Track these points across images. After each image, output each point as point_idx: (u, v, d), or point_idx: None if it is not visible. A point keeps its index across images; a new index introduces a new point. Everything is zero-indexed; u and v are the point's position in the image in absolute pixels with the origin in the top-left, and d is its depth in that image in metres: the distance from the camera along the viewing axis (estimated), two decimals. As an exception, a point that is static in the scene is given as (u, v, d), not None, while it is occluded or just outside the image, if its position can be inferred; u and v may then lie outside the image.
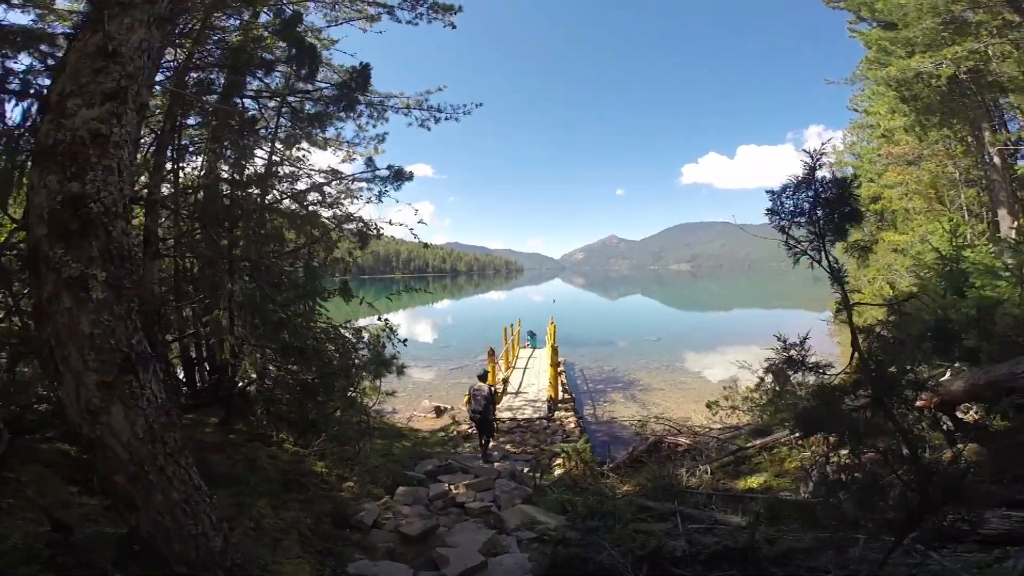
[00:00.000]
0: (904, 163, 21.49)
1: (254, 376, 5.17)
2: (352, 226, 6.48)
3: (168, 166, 6.01)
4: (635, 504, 5.31)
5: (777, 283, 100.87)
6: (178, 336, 5.27)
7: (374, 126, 9.80)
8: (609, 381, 15.95)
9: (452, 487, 5.26)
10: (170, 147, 6.12)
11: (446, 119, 9.52)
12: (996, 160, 14.02)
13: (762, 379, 9.61)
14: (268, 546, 3.13)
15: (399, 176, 5.89)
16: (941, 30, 13.03)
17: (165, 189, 6.39)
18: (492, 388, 8.58)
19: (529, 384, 13.01)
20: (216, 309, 5.19)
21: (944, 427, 4.78)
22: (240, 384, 5.28)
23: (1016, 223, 13.35)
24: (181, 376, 6.85)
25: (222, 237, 5.54)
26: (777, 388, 9.13)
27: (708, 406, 10.50)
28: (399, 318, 40.80)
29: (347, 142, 10.07)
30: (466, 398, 8.99)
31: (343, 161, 10.24)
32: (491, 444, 8.19)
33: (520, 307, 41.72)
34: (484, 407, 7.78)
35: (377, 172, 5.88)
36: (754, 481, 5.52)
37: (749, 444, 5.79)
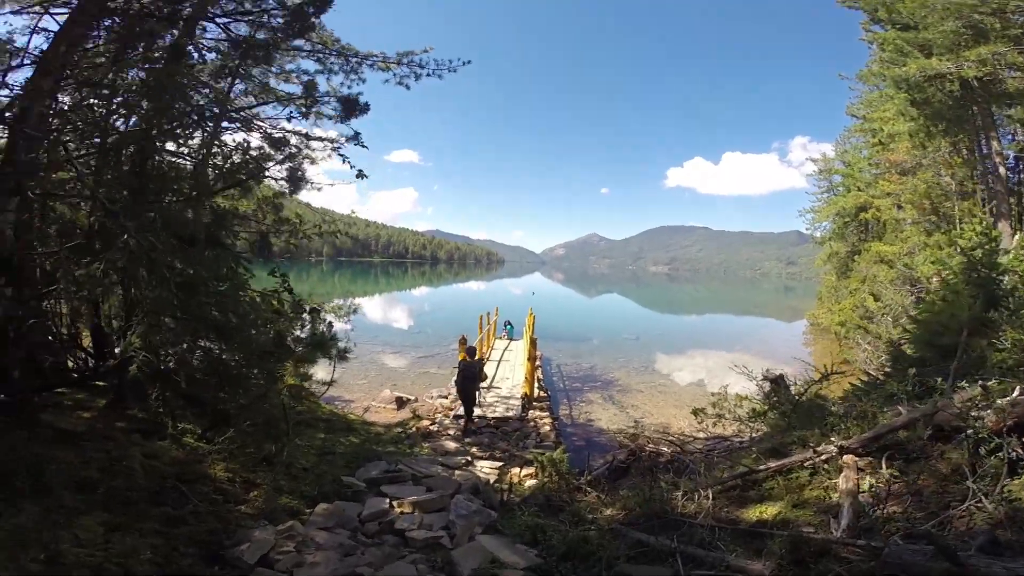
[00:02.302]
0: (899, 172, 21.17)
1: (142, 352, 3.91)
2: (276, 166, 5.19)
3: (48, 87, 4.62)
4: (622, 536, 4.27)
5: (751, 291, 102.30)
6: (40, 291, 4.00)
7: (348, 87, 8.52)
8: (587, 379, 15.00)
9: (395, 504, 4.12)
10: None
11: (428, 76, 8.33)
12: (1001, 171, 13.47)
13: (760, 387, 8.76)
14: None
15: (349, 107, 4.64)
16: (962, 33, 12.38)
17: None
18: (481, 362, 9.19)
19: (503, 378, 11.91)
20: (94, 262, 3.90)
21: (1012, 453, 3.84)
22: (123, 361, 4.02)
23: (1017, 235, 12.84)
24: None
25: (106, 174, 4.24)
26: (775, 398, 8.32)
27: (694, 413, 9.62)
28: (374, 303, 39.50)
29: (311, 97, 8.73)
30: (455, 371, 9.32)
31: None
32: (474, 419, 8.50)
33: (499, 298, 40.58)
34: (471, 382, 8.32)
35: (317, 97, 4.60)
36: (767, 511, 4.54)
37: (762, 466, 4.83)
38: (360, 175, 5.63)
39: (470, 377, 8.39)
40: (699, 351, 22.40)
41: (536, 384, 11.33)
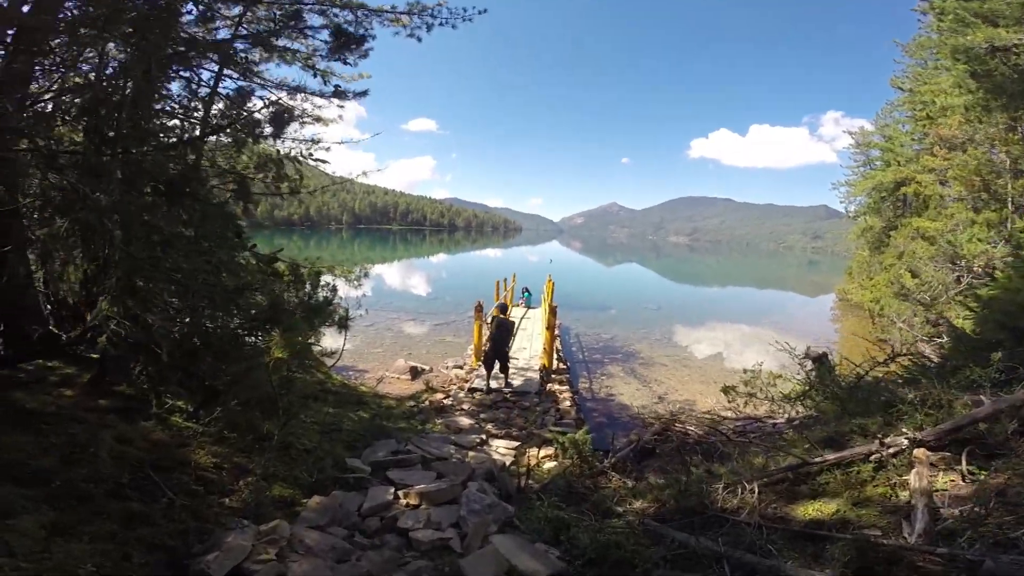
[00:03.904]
0: (947, 147, 19.94)
1: (113, 319, 3.44)
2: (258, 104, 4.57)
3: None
4: (657, 536, 3.77)
5: (775, 264, 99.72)
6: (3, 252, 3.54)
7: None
8: (607, 351, 14.47)
9: (401, 496, 3.67)
10: None
11: (440, 25, 7.56)
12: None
13: (802, 365, 8.09)
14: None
15: (341, 41, 3.95)
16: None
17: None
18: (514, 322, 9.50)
19: (520, 348, 11.43)
20: (59, 219, 3.41)
21: None
22: (89, 329, 3.57)
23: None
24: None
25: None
26: (820, 378, 7.67)
27: (724, 391, 9.06)
28: (392, 269, 39.29)
29: (319, 54, 8.00)
30: (487, 324, 9.40)
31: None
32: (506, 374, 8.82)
33: (516, 265, 40.02)
34: (504, 336, 8.56)
35: (303, 27, 3.92)
36: (822, 509, 3.99)
37: (817, 458, 4.26)
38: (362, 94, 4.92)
39: (506, 331, 8.64)
40: (723, 324, 21.63)
41: (555, 355, 10.84)
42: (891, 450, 4.01)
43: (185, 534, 2.53)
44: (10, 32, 4.02)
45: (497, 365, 8.71)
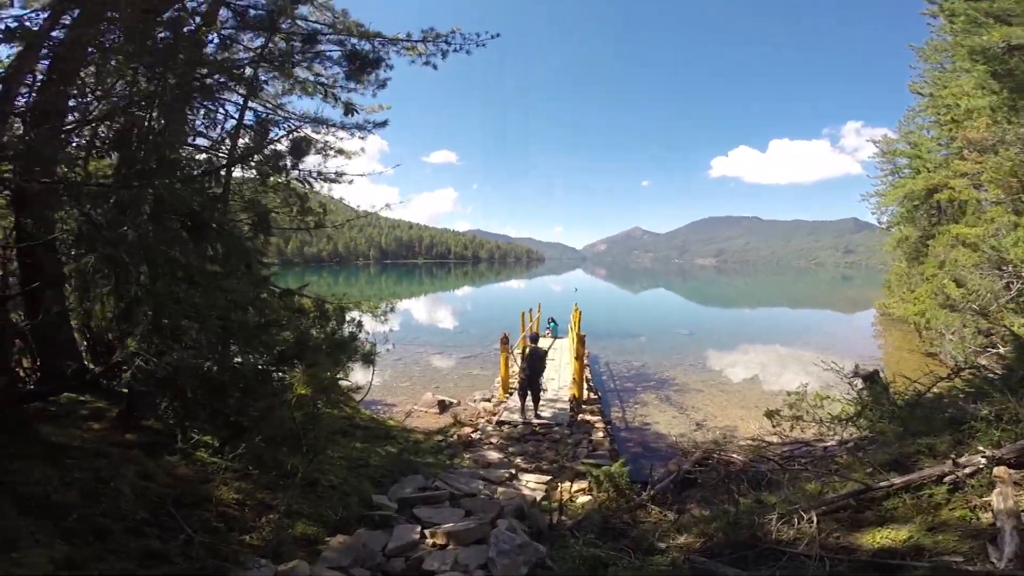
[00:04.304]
0: (977, 150, 19.28)
1: (139, 355, 3.44)
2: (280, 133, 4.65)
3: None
4: (707, 573, 3.46)
5: (807, 282, 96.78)
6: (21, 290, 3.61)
7: (376, 76, 8.11)
8: (639, 379, 14.03)
9: (427, 533, 3.48)
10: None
11: (455, 52, 7.77)
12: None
13: (852, 385, 7.62)
14: None
15: (359, 64, 4.01)
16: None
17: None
18: (545, 351, 9.05)
19: (548, 379, 11.15)
20: (88, 255, 3.48)
21: None
22: (114, 365, 3.58)
23: None
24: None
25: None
26: (872, 397, 7.18)
27: (768, 416, 8.57)
28: (419, 303, 39.65)
29: (340, 85, 8.33)
30: (520, 351, 9.51)
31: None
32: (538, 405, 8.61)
33: (541, 296, 39.85)
34: (537, 364, 8.37)
35: (319, 51, 3.97)
36: (893, 536, 3.60)
37: (882, 482, 3.88)
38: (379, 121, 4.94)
39: (539, 360, 8.46)
40: (758, 346, 20.86)
41: (585, 385, 10.53)
42: (967, 470, 3.64)
43: (204, 571, 2.42)
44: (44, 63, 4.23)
45: (529, 396, 8.50)
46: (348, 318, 6.15)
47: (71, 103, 4.18)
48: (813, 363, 7.58)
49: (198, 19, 5.09)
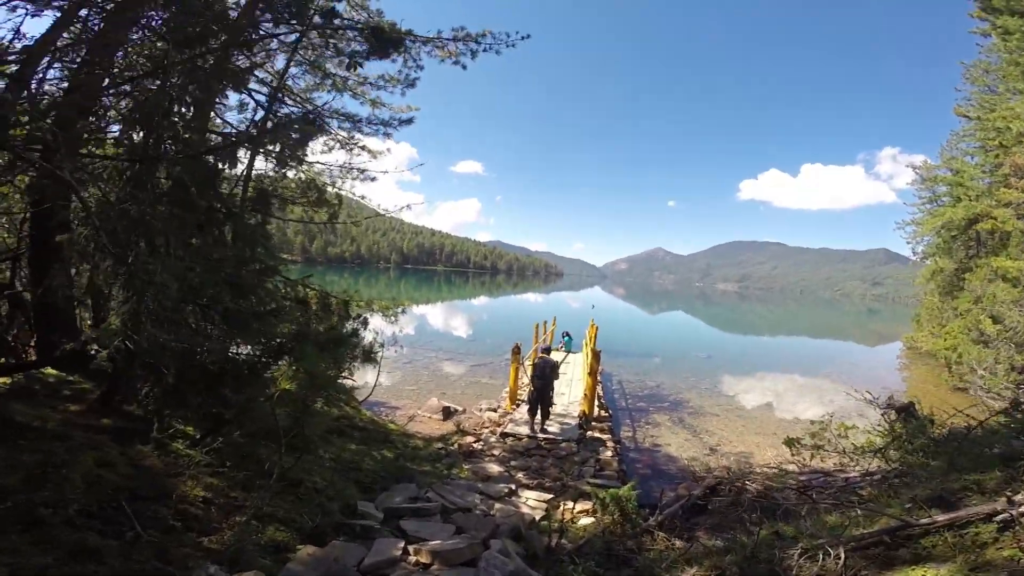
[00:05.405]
0: None
1: (117, 336, 3.23)
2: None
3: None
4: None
5: (831, 313, 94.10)
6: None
7: (406, 74, 8.07)
8: (653, 399, 13.52)
9: (411, 551, 3.16)
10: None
11: (484, 51, 7.69)
12: None
13: (885, 416, 7.12)
14: None
15: (378, 39, 3.81)
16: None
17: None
18: (557, 362, 8.71)
19: (558, 394, 10.77)
20: (76, 225, 3.30)
21: None
22: (82, 343, 3.38)
23: None
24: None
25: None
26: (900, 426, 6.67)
27: (788, 444, 8.08)
28: (436, 310, 39.57)
29: (369, 82, 8.31)
30: (530, 362, 9.24)
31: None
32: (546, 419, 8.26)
33: (557, 311, 39.31)
34: (548, 375, 8.09)
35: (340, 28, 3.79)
36: (929, 575, 3.17)
37: (923, 519, 3.44)
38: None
39: (550, 372, 8.21)
40: (777, 374, 20.12)
41: (597, 402, 10.12)
42: (1022, 508, 3.19)
43: (136, 575, 2.14)
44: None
45: (539, 411, 8.21)
46: (354, 315, 5.93)
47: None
48: (837, 393, 7.08)
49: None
